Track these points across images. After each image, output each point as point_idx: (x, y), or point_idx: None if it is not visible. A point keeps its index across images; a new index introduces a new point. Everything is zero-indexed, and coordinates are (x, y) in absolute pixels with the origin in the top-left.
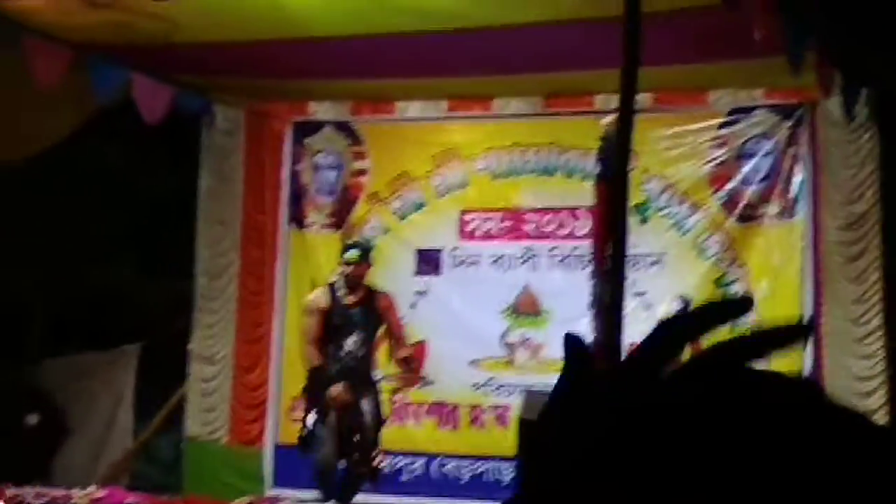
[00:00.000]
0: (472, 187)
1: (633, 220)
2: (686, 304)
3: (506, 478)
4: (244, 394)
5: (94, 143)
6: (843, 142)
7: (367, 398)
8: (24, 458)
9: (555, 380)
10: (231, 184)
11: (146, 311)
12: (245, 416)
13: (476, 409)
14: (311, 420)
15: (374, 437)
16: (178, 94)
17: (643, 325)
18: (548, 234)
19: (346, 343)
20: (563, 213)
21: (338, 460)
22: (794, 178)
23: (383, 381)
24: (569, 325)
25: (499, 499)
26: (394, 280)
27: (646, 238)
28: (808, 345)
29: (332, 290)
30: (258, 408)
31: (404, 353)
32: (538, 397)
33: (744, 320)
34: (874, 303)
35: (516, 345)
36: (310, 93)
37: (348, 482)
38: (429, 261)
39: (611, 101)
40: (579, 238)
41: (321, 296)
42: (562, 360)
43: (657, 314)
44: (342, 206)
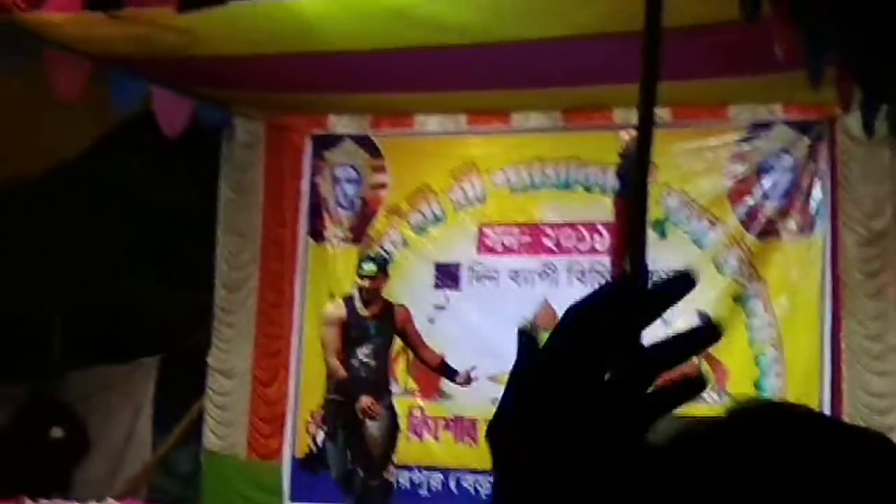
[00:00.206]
0: (491, 201)
1: (651, 235)
2: (705, 319)
3: None
4: (262, 407)
5: (115, 156)
6: (862, 158)
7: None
8: (46, 470)
9: None
10: (250, 196)
11: (165, 324)
12: (263, 429)
13: None
14: (321, 437)
15: (388, 452)
16: (197, 106)
17: None
18: (567, 249)
19: (361, 355)
20: (582, 227)
21: (350, 475)
22: (814, 193)
23: (401, 396)
24: None
25: None
26: (412, 294)
27: (665, 253)
28: (826, 361)
29: (350, 302)
30: (276, 421)
31: (434, 359)
32: None
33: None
34: (893, 319)
35: None
36: (329, 106)
37: (363, 497)
38: (448, 275)
39: (630, 116)
40: (599, 253)
41: (338, 308)
42: None
43: (675, 329)
44: (361, 220)
